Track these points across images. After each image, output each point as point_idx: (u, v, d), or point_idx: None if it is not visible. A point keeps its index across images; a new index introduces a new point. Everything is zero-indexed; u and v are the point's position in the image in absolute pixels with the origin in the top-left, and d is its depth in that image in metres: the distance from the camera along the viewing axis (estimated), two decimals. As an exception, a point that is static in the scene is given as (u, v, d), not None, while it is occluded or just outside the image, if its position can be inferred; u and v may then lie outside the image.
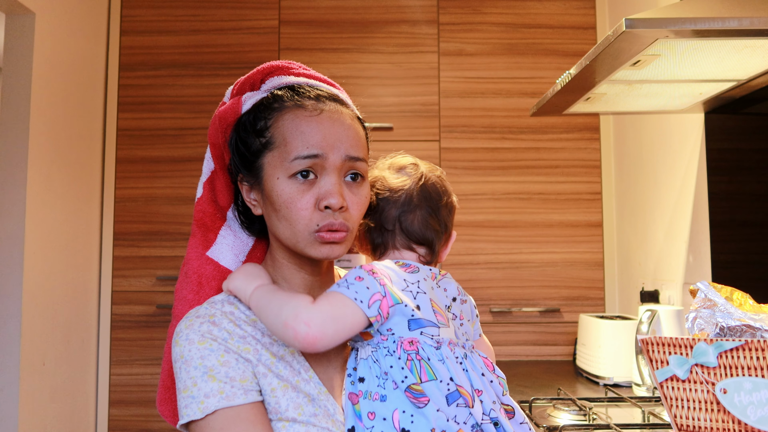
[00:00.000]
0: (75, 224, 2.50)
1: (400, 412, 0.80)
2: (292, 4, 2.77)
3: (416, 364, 0.82)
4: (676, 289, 2.09)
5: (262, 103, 0.92)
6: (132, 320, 2.67)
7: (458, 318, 0.91)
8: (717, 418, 0.80)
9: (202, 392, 0.81)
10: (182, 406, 0.82)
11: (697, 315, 0.88)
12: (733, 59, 1.37)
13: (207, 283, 0.95)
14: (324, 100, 0.91)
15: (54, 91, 2.35)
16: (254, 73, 0.96)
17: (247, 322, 0.89)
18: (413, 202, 0.93)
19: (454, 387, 0.82)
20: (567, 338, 2.65)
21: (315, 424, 0.84)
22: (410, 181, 0.95)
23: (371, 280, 0.83)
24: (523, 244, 2.69)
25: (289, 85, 0.93)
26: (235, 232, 0.98)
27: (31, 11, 2.19)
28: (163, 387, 0.96)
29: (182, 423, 0.83)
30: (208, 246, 0.97)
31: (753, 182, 1.77)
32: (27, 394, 2.16)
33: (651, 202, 2.33)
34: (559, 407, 1.63)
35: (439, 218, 0.94)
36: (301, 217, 0.86)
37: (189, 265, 0.96)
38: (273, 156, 0.88)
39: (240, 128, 0.93)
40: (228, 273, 0.96)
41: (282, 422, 0.83)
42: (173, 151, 2.72)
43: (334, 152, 0.87)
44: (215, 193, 0.98)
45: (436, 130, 2.73)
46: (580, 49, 2.72)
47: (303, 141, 0.86)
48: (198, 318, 0.87)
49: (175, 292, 0.97)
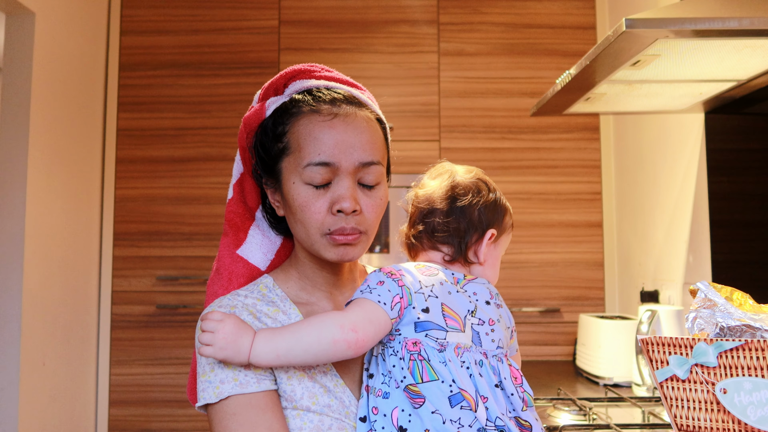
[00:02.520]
0: (75, 224, 2.50)
1: (399, 411, 0.82)
2: (292, 4, 2.77)
3: (418, 365, 0.83)
4: (676, 289, 2.09)
5: (281, 108, 0.95)
6: (132, 320, 2.67)
7: (487, 323, 0.90)
8: (717, 418, 0.80)
9: (218, 378, 0.85)
10: (200, 390, 0.87)
11: (697, 315, 0.88)
12: (733, 59, 1.37)
13: (236, 279, 0.99)
14: (339, 104, 0.92)
15: (54, 91, 2.35)
16: (278, 77, 0.98)
17: (268, 314, 0.92)
18: (436, 203, 0.97)
19: (457, 389, 0.82)
20: (567, 338, 2.65)
21: (328, 415, 0.86)
22: (436, 184, 0.98)
23: (391, 283, 0.87)
24: (523, 244, 2.69)
25: (308, 89, 0.95)
26: (263, 232, 1.02)
27: (31, 11, 2.19)
28: (193, 376, 0.99)
29: (199, 405, 0.88)
30: (239, 244, 1.01)
31: (753, 182, 1.77)
32: (27, 394, 2.16)
33: (651, 202, 2.33)
34: (559, 407, 1.63)
35: (464, 217, 0.95)
36: (314, 220, 0.89)
37: (221, 263, 1.00)
38: (289, 161, 0.91)
39: (261, 133, 0.96)
40: (257, 270, 1.00)
41: (296, 411, 0.86)
42: (173, 151, 2.72)
43: (346, 158, 0.89)
44: (244, 194, 1.02)
45: (436, 130, 2.73)
46: (580, 49, 2.72)
47: (315, 148, 0.89)
48: (220, 308, 0.91)
49: (207, 288, 1.01)
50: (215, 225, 2.68)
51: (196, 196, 2.71)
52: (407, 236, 1.00)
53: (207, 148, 2.72)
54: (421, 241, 0.97)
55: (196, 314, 2.65)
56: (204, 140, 2.73)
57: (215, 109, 2.71)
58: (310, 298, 0.97)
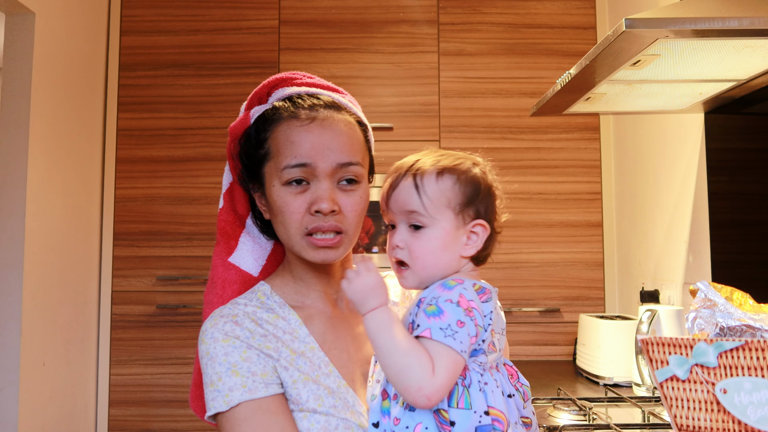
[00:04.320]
0: (75, 224, 2.50)
1: (423, 427, 0.81)
2: (292, 4, 2.77)
3: (458, 390, 0.82)
4: (676, 289, 2.09)
5: (263, 116, 0.98)
6: (132, 320, 2.67)
7: (504, 334, 0.91)
8: (717, 418, 0.80)
9: (226, 386, 0.86)
10: (209, 399, 0.88)
11: (697, 315, 0.88)
12: (733, 59, 1.37)
13: (229, 287, 1.00)
14: (318, 108, 0.95)
15: (54, 92, 2.35)
16: (261, 87, 1.00)
17: (268, 321, 0.93)
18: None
19: (487, 420, 0.81)
20: (567, 338, 2.65)
21: (334, 415, 0.88)
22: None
23: (470, 324, 0.81)
24: (523, 244, 2.69)
25: (289, 96, 0.98)
26: (254, 238, 1.04)
27: (31, 11, 2.19)
28: (195, 385, 1.02)
29: (209, 415, 0.88)
30: (230, 252, 1.03)
31: (753, 182, 1.77)
32: (27, 394, 2.16)
33: (651, 202, 2.33)
34: (559, 407, 1.63)
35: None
36: (293, 221, 0.91)
37: (214, 272, 1.02)
38: (270, 165, 0.94)
39: (245, 141, 0.99)
40: (249, 276, 1.02)
41: (303, 413, 0.88)
42: (173, 151, 2.72)
43: (323, 160, 0.91)
44: (234, 202, 1.04)
45: (436, 130, 2.73)
46: (580, 49, 2.71)
47: (292, 151, 0.91)
48: (222, 318, 0.92)
49: (204, 297, 1.03)
50: (215, 225, 2.68)
51: (196, 196, 2.71)
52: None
53: (207, 148, 2.72)
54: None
55: (196, 314, 2.65)
56: (204, 140, 2.72)
57: (215, 109, 2.71)
58: (306, 300, 0.98)
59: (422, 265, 0.87)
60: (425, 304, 0.83)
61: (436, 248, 0.87)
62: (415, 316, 0.83)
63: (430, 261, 0.87)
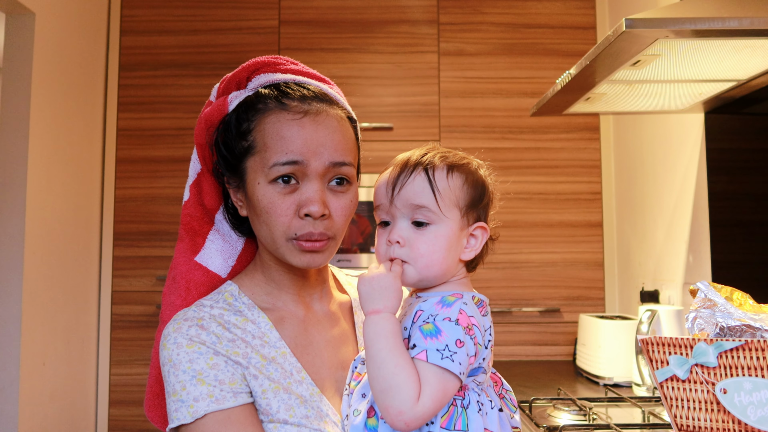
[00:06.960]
0: (75, 224, 2.50)
1: None
2: (292, 4, 2.77)
3: (457, 411, 0.79)
4: (676, 289, 2.09)
5: (245, 103, 0.89)
6: (132, 320, 2.67)
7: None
8: (717, 418, 0.80)
9: (191, 396, 0.80)
10: (172, 410, 0.81)
11: (697, 315, 0.88)
12: (733, 59, 1.37)
13: (195, 288, 0.92)
14: (309, 101, 0.87)
15: (54, 92, 2.35)
16: (240, 70, 0.92)
17: (236, 325, 0.87)
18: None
19: None
20: (567, 338, 2.65)
21: (307, 426, 0.82)
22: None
23: (470, 344, 0.77)
24: (523, 244, 2.69)
25: (275, 84, 0.89)
26: (224, 236, 0.95)
27: (31, 11, 2.19)
28: (151, 392, 0.94)
29: (172, 427, 0.81)
30: (197, 251, 0.94)
31: (753, 182, 1.77)
32: (27, 394, 2.16)
33: (651, 202, 2.33)
34: (559, 407, 1.63)
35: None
36: (280, 223, 0.84)
37: (177, 270, 0.93)
38: (255, 160, 0.86)
39: (224, 129, 0.90)
40: (217, 278, 0.93)
41: (273, 424, 0.82)
42: (173, 151, 2.72)
43: (316, 158, 0.84)
44: (202, 195, 0.95)
45: (436, 130, 2.73)
46: (580, 49, 2.72)
47: (283, 147, 0.83)
48: (186, 321, 0.85)
49: (163, 297, 0.94)
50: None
51: (196, 196, 2.71)
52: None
53: (207, 148, 2.72)
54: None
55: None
56: (204, 140, 2.72)
57: (215, 109, 2.71)
58: (277, 302, 0.92)
59: (426, 264, 0.82)
60: (421, 320, 0.79)
61: (443, 248, 0.82)
62: (412, 331, 0.79)
63: (435, 260, 0.82)
